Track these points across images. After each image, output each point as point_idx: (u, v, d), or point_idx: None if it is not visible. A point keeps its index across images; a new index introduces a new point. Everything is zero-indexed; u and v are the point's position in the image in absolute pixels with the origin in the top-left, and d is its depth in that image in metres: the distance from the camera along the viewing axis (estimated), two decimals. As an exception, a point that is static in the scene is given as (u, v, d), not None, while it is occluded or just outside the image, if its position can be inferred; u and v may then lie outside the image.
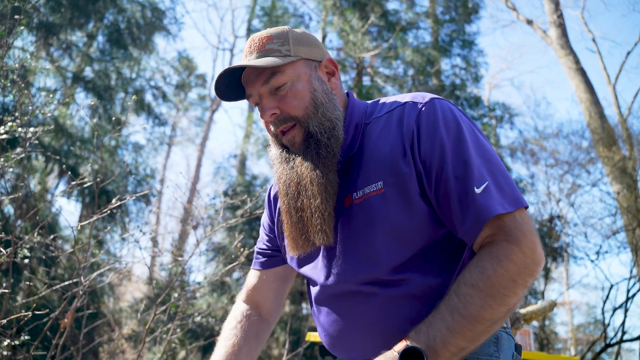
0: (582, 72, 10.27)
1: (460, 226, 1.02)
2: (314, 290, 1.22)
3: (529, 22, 12.44)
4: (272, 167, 1.23)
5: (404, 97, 1.17)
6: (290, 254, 1.19)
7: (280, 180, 1.17)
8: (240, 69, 1.18)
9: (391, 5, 10.12)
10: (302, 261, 1.24)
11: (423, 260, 1.07)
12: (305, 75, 1.16)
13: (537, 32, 12.07)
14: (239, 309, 1.38)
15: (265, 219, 1.42)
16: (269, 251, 1.38)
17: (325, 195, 1.09)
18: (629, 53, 12.22)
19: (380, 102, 1.23)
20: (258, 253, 1.42)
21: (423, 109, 1.10)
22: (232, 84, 1.21)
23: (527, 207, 1.04)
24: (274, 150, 1.20)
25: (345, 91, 1.28)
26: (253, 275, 1.41)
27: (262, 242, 1.42)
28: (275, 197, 1.36)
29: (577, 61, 10.44)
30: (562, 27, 11.00)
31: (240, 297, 1.42)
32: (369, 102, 1.26)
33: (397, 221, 1.06)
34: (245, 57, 1.18)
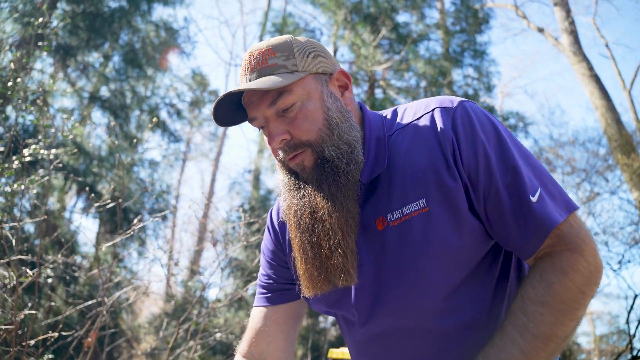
0: (596, 79, 10.17)
1: (517, 240, 0.93)
2: (351, 330, 1.07)
3: (540, 30, 12.40)
4: (279, 195, 1.10)
5: (429, 103, 1.05)
6: (306, 295, 1.03)
7: (291, 211, 1.02)
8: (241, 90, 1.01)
9: (402, 18, 10.18)
10: (328, 298, 1.06)
11: (475, 283, 0.98)
12: (316, 92, 1.01)
13: (549, 39, 12.02)
14: None
15: (268, 247, 1.23)
16: (276, 284, 1.19)
17: (346, 230, 0.96)
18: (643, 58, 12.06)
19: (397, 110, 1.11)
20: (263, 287, 1.21)
21: (456, 114, 0.99)
22: (233, 105, 1.06)
23: (577, 209, 0.97)
24: (281, 177, 1.06)
25: (357, 102, 1.13)
26: (257, 316, 1.18)
27: (266, 274, 1.22)
28: (282, 224, 1.18)
29: (590, 67, 10.35)
30: (574, 33, 10.93)
31: (241, 348, 1.18)
32: (384, 112, 1.13)
33: (448, 241, 0.94)
34: (244, 75, 1.02)
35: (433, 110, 1.02)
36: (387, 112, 1.12)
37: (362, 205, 1.02)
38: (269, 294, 1.18)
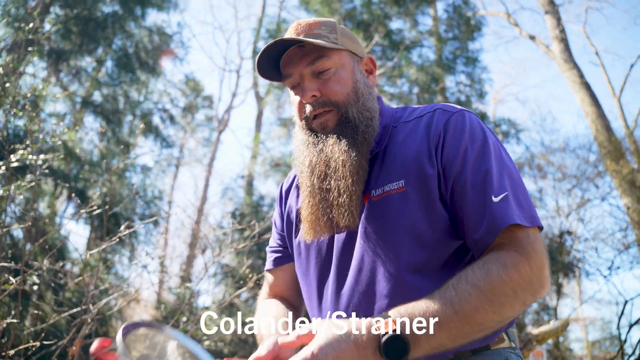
0: (587, 86, 10.26)
1: (473, 233, 0.99)
2: (318, 289, 1.15)
3: (532, 38, 12.51)
4: (295, 155, 1.20)
5: (435, 106, 1.17)
6: (306, 239, 1.13)
7: (305, 163, 1.13)
8: (282, 50, 1.14)
9: (395, 25, 10.24)
10: (310, 255, 1.18)
11: (438, 268, 1.03)
12: (348, 66, 1.16)
13: (540, 47, 12.13)
14: (265, 303, 1.30)
15: (276, 216, 1.38)
16: (282, 248, 1.33)
17: (356, 178, 1.06)
18: (632, 66, 12.21)
19: (409, 108, 1.23)
20: (271, 252, 1.37)
21: (452, 116, 1.09)
22: (271, 62, 1.18)
23: (542, 229, 1.01)
24: (301, 136, 1.17)
25: (376, 95, 1.27)
26: (268, 276, 1.36)
27: (274, 240, 1.38)
28: (287, 191, 1.33)
29: (581, 75, 10.45)
30: (564, 41, 11.04)
31: (262, 297, 1.37)
32: (397, 107, 1.25)
33: (416, 221, 1.03)
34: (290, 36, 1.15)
35: (435, 110, 1.14)
36: (400, 109, 1.25)
37: None
38: (276, 256, 1.33)
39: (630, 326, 7.57)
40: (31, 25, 2.53)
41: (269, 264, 1.36)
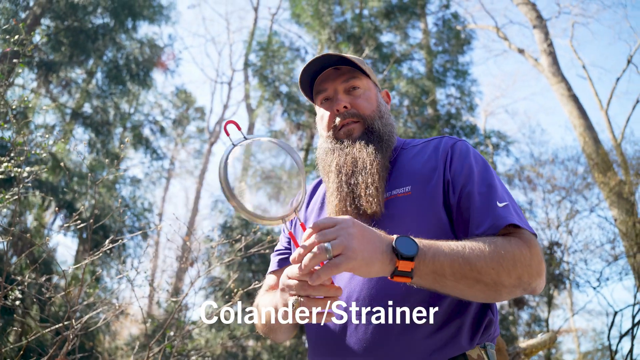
0: (575, 99, 10.40)
1: (476, 229, 1.08)
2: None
3: (521, 51, 12.69)
4: (319, 163, 1.32)
5: (443, 136, 1.34)
6: None
7: (332, 164, 1.25)
8: (320, 69, 1.32)
9: (385, 38, 10.33)
10: None
11: None
12: (374, 90, 1.36)
13: (529, 60, 12.30)
14: (265, 295, 1.32)
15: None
16: (289, 250, 1.40)
17: (382, 175, 1.20)
18: (618, 79, 12.40)
19: (415, 138, 1.43)
20: (276, 254, 1.42)
21: (458, 142, 1.27)
22: (305, 82, 1.36)
23: (536, 237, 1.12)
24: (326, 145, 1.30)
25: None
26: (269, 279, 1.40)
27: (280, 243, 1.45)
28: (305, 201, 1.42)
29: (569, 88, 10.59)
30: (552, 55, 11.21)
31: (260, 294, 1.39)
32: (408, 138, 1.46)
33: (419, 221, 1.13)
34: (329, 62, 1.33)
35: (443, 137, 1.31)
36: (407, 139, 1.42)
37: None
38: (280, 258, 1.40)
39: (621, 337, 7.59)
40: (17, 36, 2.52)
41: (273, 266, 1.42)
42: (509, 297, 1.03)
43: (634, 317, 7.33)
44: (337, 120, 1.30)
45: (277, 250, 1.44)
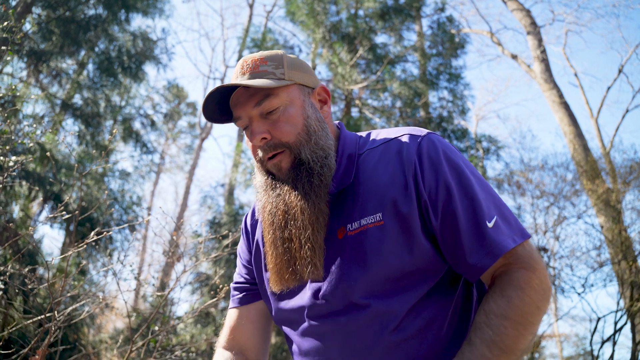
0: (566, 106, 10.50)
1: (468, 258, 1.00)
2: (297, 328, 1.11)
3: (514, 57, 12.78)
4: (256, 196, 1.17)
5: (400, 130, 1.14)
6: (273, 289, 1.09)
7: (265, 209, 1.09)
8: (230, 90, 1.11)
9: (379, 39, 10.36)
10: (283, 298, 1.14)
11: (416, 295, 1.03)
12: (298, 101, 1.11)
13: (522, 66, 12.39)
14: (221, 358, 1.21)
15: (242, 248, 1.31)
16: (248, 284, 1.27)
17: (316, 226, 1.03)
18: (609, 88, 12.55)
19: (372, 134, 1.19)
20: (235, 289, 1.29)
21: (422, 142, 1.08)
22: (221, 106, 1.15)
23: (530, 237, 1.06)
24: (259, 178, 1.14)
25: (336, 122, 1.24)
26: (232, 315, 1.27)
27: (239, 275, 1.30)
28: (253, 225, 1.28)
29: (560, 95, 10.69)
30: (545, 62, 11.30)
31: (220, 343, 1.26)
32: (360, 133, 1.22)
33: (396, 253, 1.01)
34: (236, 78, 1.12)
35: (402, 136, 1.12)
36: (363, 134, 1.21)
37: (329, 211, 1.09)
38: (241, 295, 1.26)
39: (603, 342, 7.68)
40: (6, 23, 2.48)
41: (233, 302, 1.28)
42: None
43: (616, 323, 7.42)
44: (261, 153, 1.10)
45: (236, 282, 1.30)
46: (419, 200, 1.02)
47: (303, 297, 1.10)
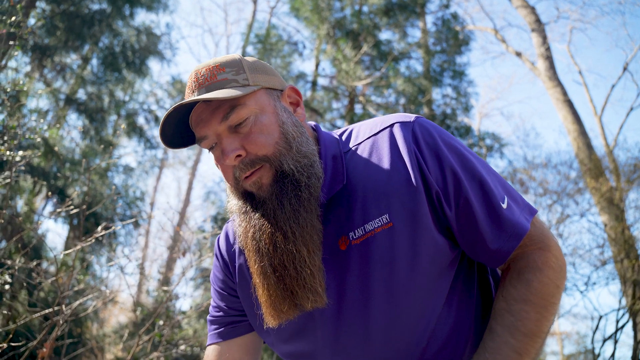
0: (570, 104, 10.47)
1: (490, 244, 0.94)
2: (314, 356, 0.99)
3: (518, 54, 12.73)
4: (233, 222, 1.03)
5: (386, 120, 1.03)
6: (270, 325, 0.94)
7: (248, 235, 0.94)
8: (189, 109, 0.96)
9: (384, 36, 10.33)
10: (288, 330, 1.00)
11: (442, 295, 0.96)
12: (269, 107, 0.97)
13: (526, 63, 12.35)
14: None
15: (217, 276, 1.15)
16: (228, 317, 1.11)
17: (312, 247, 0.90)
18: (613, 86, 12.50)
19: (353, 129, 1.08)
20: (213, 322, 1.13)
21: (415, 129, 0.98)
22: (180, 128, 1.00)
23: (537, 212, 1.03)
24: (234, 202, 0.99)
25: (310, 123, 1.10)
26: (212, 353, 1.10)
27: (217, 306, 1.14)
28: (231, 253, 1.12)
29: (564, 93, 10.65)
30: (549, 59, 11.26)
31: None
32: (336, 131, 1.10)
33: (415, 260, 0.91)
34: (191, 93, 0.96)
35: (391, 125, 1.00)
36: (340, 132, 1.09)
37: (322, 224, 0.95)
38: (221, 329, 1.11)
39: (604, 341, 7.69)
40: (13, 18, 2.49)
41: (212, 337, 1.12)
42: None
43: (617, 321, 7.43)
44: (237, 173, 0.94)
45: (214, 316, 1.14)
46: (428, 192, 0.93)
47: (313, 324, 0.98)
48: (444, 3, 10.72)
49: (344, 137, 1.07)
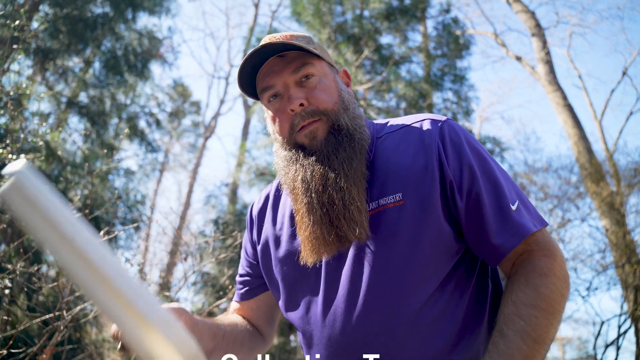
0: (570, 108, 10.47)
1: (492, 239, 0.99)
2: (313, 315, 1.05)
3: (518, 59, 12.75)
4: (280, 174, 1.10)
5: (419, 116, 1.13)
6: (307, 261, 1.02)
7: (297, 179, 1.02)
8: (261, 61, 1.06)
9: (384, 40, 10.35)
10: (297, 283, 1.09)
11: (436, 283, 1.00)
12: (331, 75, 1.11)
13: (526, 68, 12.37)
14: (227, 318, 1.22)
15: (246, 241, 1.28)
16: (250, 278, 1.24)
17: (360, 188, 0.99)
18: (613, 91, 12.52)
19: (389, 121, 1.18)
20: (240, 282, 1.27)
21: (443, 126, 1.06)
22: (247, 79, 1.10)
23: (547, 225, 1.07)
24: (284, 153, 1.07)
25: None
26: (234, 307, 1.28)
27: (243, 268, 1.27)
28: (261, 214, 1.23)
29: (564, 97, 10.66)
30: (549, 64, 11.28)
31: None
32: (376, 121, 1.20)
33: (417, 238, 0.97)
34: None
35: (423, 120, 1.10)
36: (378, 121, 1.20)
37: None
38: (244, 290, 1.24)
39: (606, 346, 7.66)
40: (17, 22, 2.49)
41: (237, 296, 1.26)
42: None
43: (619, 327, 7.40)
44: (296, 120, 1.04)
45: (241, 276, 1.27)
46: (443, 181, 1.00)
47: (318, 283, 1.06)
48: (444, 7, 10.75)
49: (378, 125, 1.17)
